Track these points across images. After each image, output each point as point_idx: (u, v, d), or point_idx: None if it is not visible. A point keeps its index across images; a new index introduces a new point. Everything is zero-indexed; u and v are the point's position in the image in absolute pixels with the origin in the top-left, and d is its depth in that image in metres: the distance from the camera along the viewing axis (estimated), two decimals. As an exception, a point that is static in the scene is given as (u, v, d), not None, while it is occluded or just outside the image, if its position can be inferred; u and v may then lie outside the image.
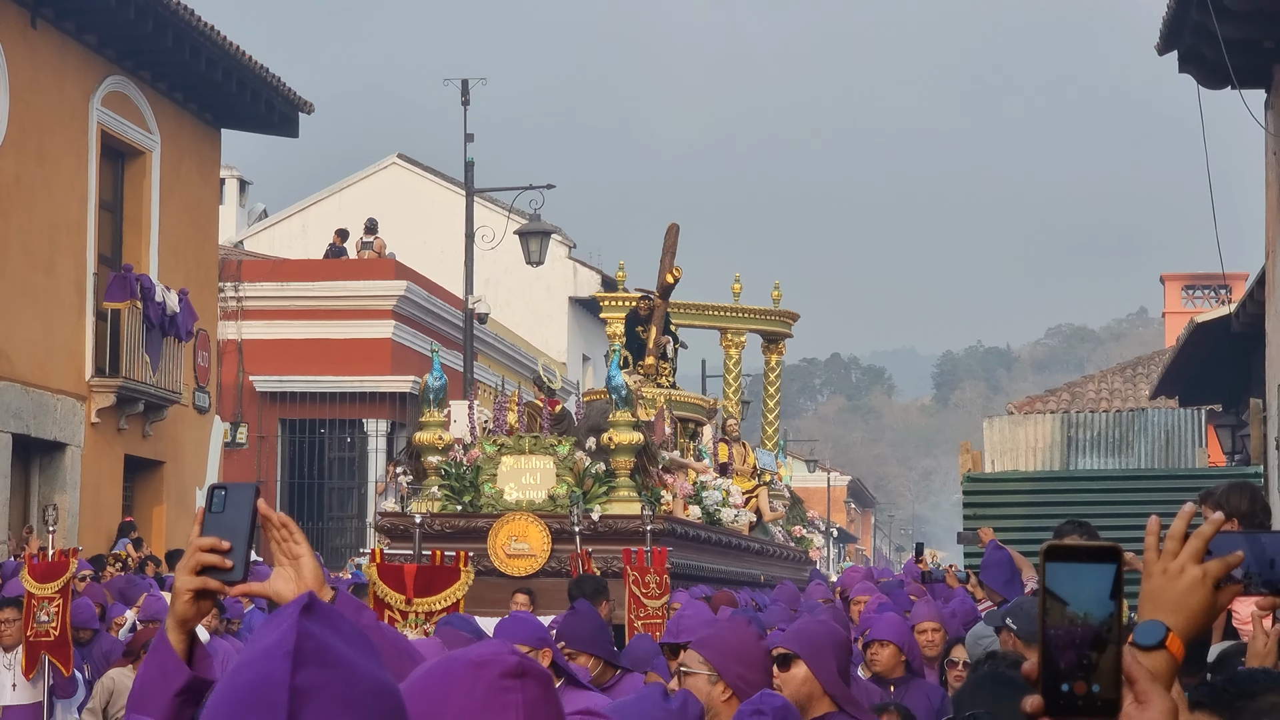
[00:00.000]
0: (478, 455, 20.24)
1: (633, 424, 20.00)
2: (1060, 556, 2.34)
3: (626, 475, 19.93)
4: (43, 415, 26.45)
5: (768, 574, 24.73)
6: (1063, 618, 2.31)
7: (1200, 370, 32.71)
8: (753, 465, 27.18)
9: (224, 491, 3.32)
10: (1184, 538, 2.89)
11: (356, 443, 38.95)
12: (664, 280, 25.08)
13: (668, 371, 25.73)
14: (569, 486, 19.78)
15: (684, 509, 21.63)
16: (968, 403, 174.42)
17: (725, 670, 6.15)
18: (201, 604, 3.27)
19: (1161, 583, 2.86)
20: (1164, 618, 2.80)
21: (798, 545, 28.10)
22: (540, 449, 20.12)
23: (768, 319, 31.15)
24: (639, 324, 25.54)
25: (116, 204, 29.54)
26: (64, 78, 27.27)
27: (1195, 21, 20.00)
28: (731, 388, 32.07)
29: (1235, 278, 39.76)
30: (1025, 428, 28.43)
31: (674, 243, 25.08)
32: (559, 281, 52.54)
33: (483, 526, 19.54)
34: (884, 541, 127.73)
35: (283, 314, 38.71)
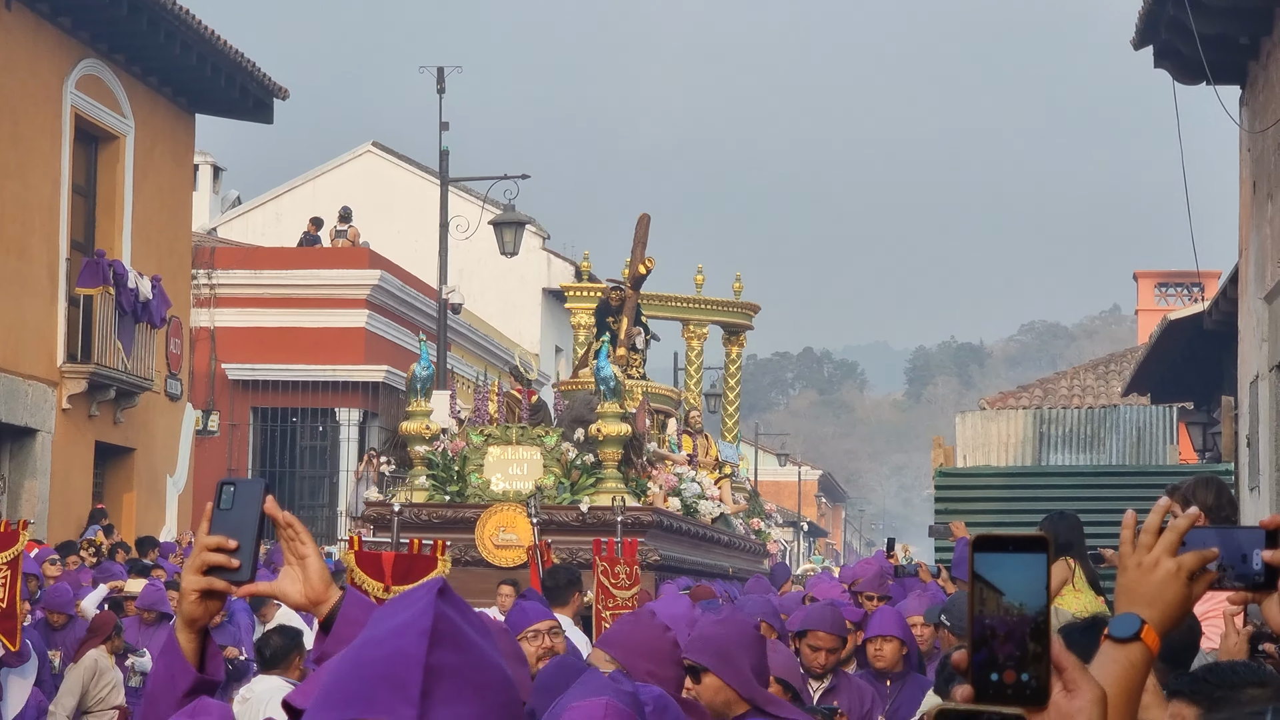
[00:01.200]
0: (463, 445, 20.22)
1: (620, 415, 20.02)
2: (990, 546, 2.32)
3: (614, 466, 19.95)
4: (13, 401, 26.36)
5: (734, 566, 24.83)
6: (998, 607, 2.29)
7: (1172, 367, 32.80)
8: (715, 457, 27.22)
9: (233, 488, 3.25)
10: (1158, 532, 2.89)
11: (328, 432, 38.90)
12: (636, 271, 25.07)
13: (638, 363, 25.75)
14: (556, 477, 19.80)
15: (664, 500, 21.67)
16: (940, 398, 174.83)
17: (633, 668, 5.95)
18: (209, 603, 3.22)
19: (1137, 576, 2.87)
20: (1139, 610, 2.81)
21: (757, 538, 28.21)
22: (527, 439, 20.14)
23: (729, 310, 31.19)
24: (609, 314, 25.53)
25: (90, 189, 29.45)
26: (38, 60, 27.17)
27: (1171, 16, 20.02)
28: (694, 379, 32.12)
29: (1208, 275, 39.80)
30: (998, 423, 28.48)
31: (645, 234, 25.07)
32: (532, 272, 52.48)
33: (470, 517, 19.54)
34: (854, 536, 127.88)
35: (256, 302, 38.62)
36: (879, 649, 9.95)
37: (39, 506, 26.98)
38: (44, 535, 25.98)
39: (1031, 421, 28.18)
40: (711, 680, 6.28)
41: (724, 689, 6.30)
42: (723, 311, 31.15)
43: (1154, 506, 2.98)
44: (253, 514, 3.21)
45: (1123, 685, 2.75)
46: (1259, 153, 20.65)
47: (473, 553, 19.32)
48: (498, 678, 2.21)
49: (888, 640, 9.97)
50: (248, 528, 3.20)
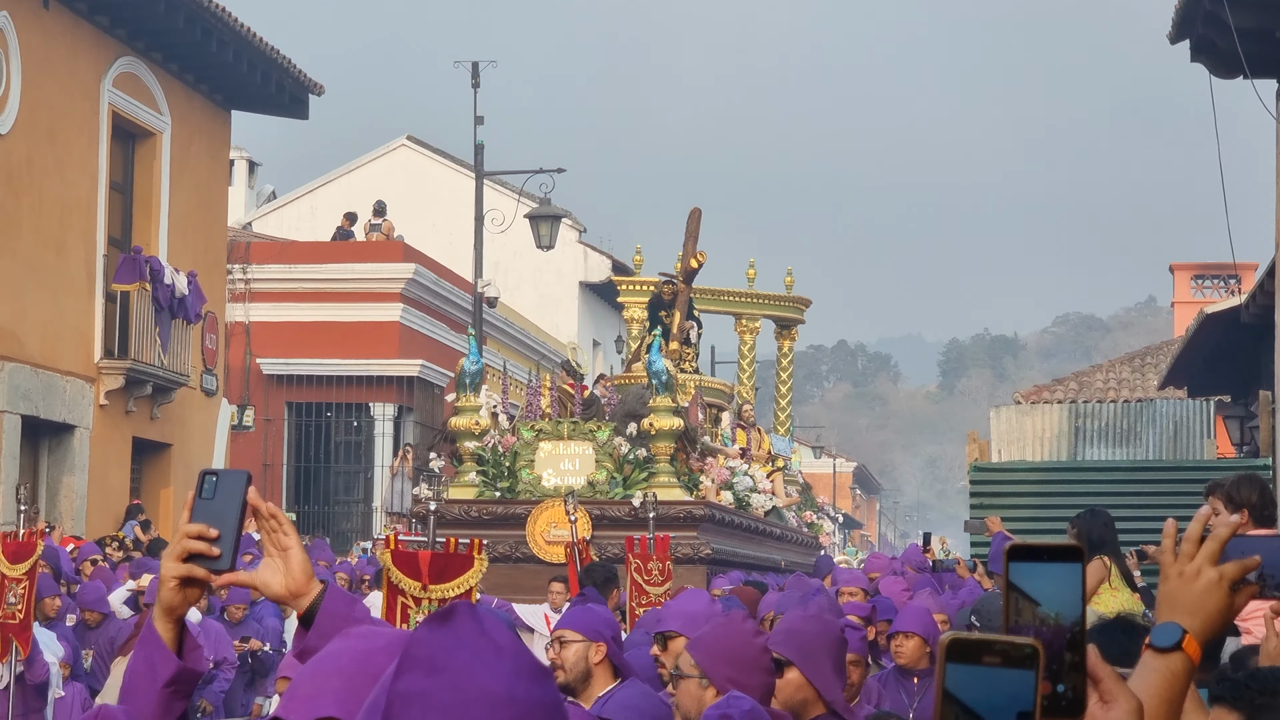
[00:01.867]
0: (514, 441, 20.17)
1: (673, 410, 19.98)
2: (1024, 556, 2.33)
3: (666, 461, 19.92)
4: (51, 397, 26.46)
5: (787, 559, 24.83)
6: (1034, 618, 2.30)
7: (1209, 361, 32.66)
8: (767, 450, 27.22)
9: (215, 478, 3.24)
10: (1200, 540, 2.89)
11: (363, 426, 38.92)
12: (688, 265, 25.06)
13: (690, 357, 25.72)
14: (608, 472, 19.76)
15: (717, 494, 21.65)
16: (974, 390, 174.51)
17: (714, 673, 5.97)
18: (189, 591, 3.21)
19: (1178, 585, 2.87)
20: (1181, 619, 2.81)
21: (809, 530, 28.20)
22: (579, 434, 20.06)
23: (781, 305, 31.24)
24: (662, 308, 25.52)
25: (127, 185, 29.55)
26: (76, 59, 27.27)
27: (1207, 10, 19.93)
28: (746, 373, 32.12)
29: (1244, 267, 39.69)
30: (1033, 417, 28.44)
31: (696, 227, 25.06)
32: (569, 266, 52.48)
33: (521, 513, 19.50)
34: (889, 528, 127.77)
35: (291, 296, 38.66)
36: (900, 645, 9.89)
37: (77, 502, 27.09)
38: (82, 531, 26.10)
39: (1067, 416, 28.14)
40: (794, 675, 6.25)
41: (805, 686, 6.28)
42: (775, 306, 31.21)
43: (1195, 515, 2.99)
44: (234, 504, 3.21)
45: (1164, 695, 2.76)
46: (1296, 147, 20.57)
47: (524, 549, 19.29)
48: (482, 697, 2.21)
49: (909, 637, 9.90)
50: (229, 517, 3.20)
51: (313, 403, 38.55)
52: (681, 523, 18.97)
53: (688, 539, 19.13)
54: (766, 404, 38.71)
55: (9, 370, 25.35)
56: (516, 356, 44.24)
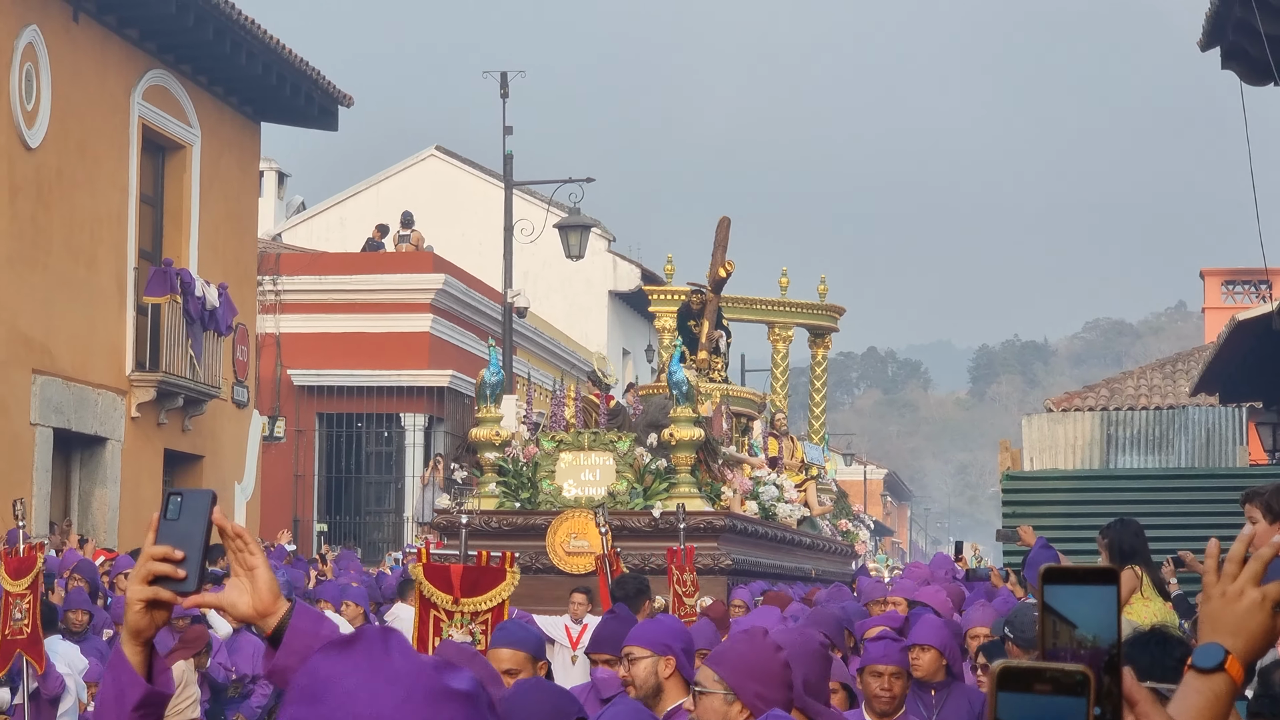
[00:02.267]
0: (535, 451, 20.14)
1: (694, 420, 19.91)
2: (1059, 579, 2.32)
3: (687, 471, 19.83)
4: (83, 409, 26.53)
5: (818, 568, 24.76)
6: (1072, 640, 2.30)
7: (1241, 367, 32.55)
8: (801, 459, 27.16)
9: (179, 498, 3.20)
10: (1243, 561, 2.88)
11: (394, 437, 38.96)
12: (716, 274, 25.01)
13: (720, 366, 25.67)
14: (629, 483, 19.68)
15: (741, 504, 21.57)
16: (1004, 396, 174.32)
17: (741, 689, 5.90)
18: (155, 614, 3.16)
19: (1220, 605, 2.85)
20: (1223, 640, 2.79)
21: (844, 539, 28.12)
22: (599, 445, 19.97)
23: (815, 313, 31.20)
24: (691, 318, 25.47)
25: (157, 198, 29.62)
26: (105, 72, 27.35)
27: (1238, 18, 19.92)
28: (779, 382, 32.05)
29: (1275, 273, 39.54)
30: (1064, 425, 28.36)
31: (725, 236, 24.99)
32: (599, 275, 52.43)
33: (541, 524, 19.42)
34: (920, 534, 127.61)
35: (321, 307, 38.72)
36: (916, 657, 9.68)
37: (109, 515, 27.16)
38: (114, 544, 26.15)
39: (1099, 423, 28.06)
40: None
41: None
42: (809, 314, 31.17)
43: (1239, 535, 2.97)
44: (200, 525, 3.17)
45: (1207, 716, 2.74)
46: (1328, 153, 20.52)
47: (544, 560, 19.22)
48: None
49: (925, 649, 9.74)
50: (194, 538, 3.16)
51: (343, 413, 38.59)
52: (701, 533, 18.84)
53: (708, 549, 18.99)
54: (799, 411, 38.67)
55: (41, 383, 25.42)
56: (546, 366, 44.26)
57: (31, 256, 25.34)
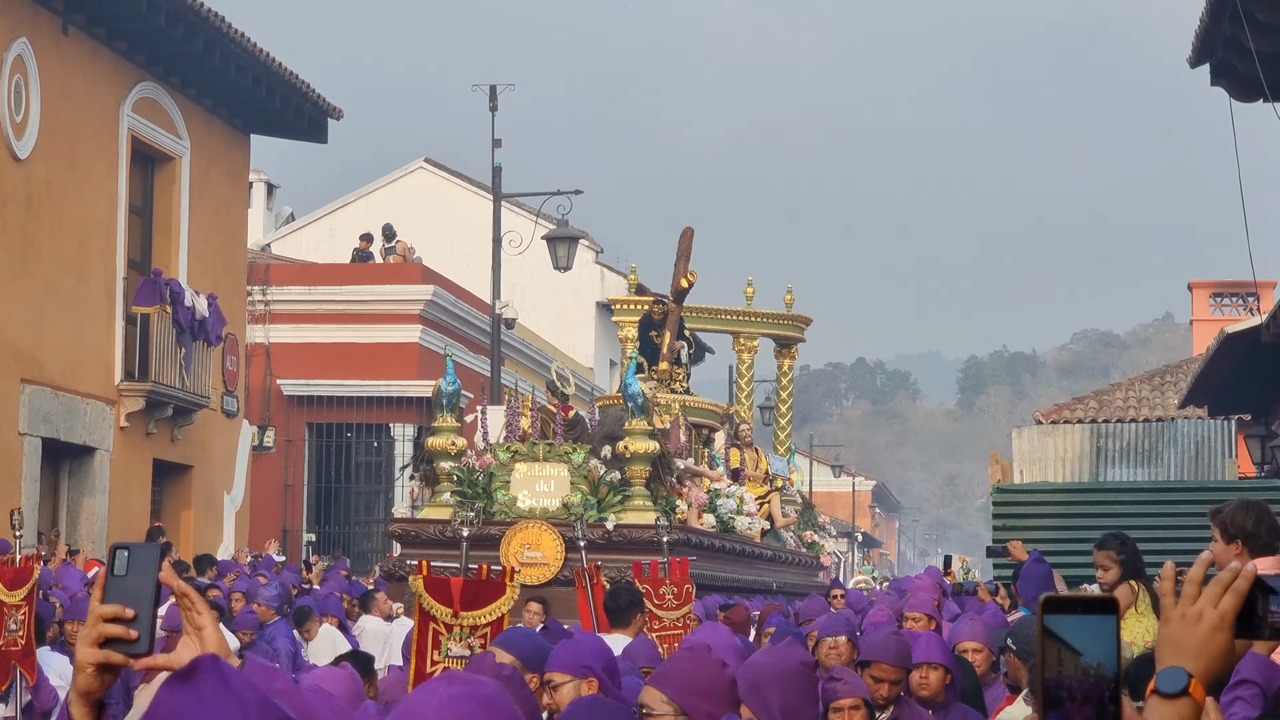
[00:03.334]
0: (490, 462, 20.09)
1: (648, 432, 19.82)
2: (1060, 608, 2.33)
3: (641, 484, 19.75)
4: (72, 419, 26.50)
5: (780, 581, 24.63)
6: (1077, 668, 2.30)
7: (1230, 379, 32.60)
8: (765, 470, 27.07)
9: (126, 552, 3.05)
10: (1201, 583, 2.86)
11: (383, 447, 38.96)
12: (678, 284, 24.96)
13: (681, 377, 25.62)
14: (583, 495, 19.63)
15: (699, 518, 21.49)
16: (993, 408, 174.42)
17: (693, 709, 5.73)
18: (105, 676, 3.03)
19: (1180, 628, 2.83)
20: (1185, 664, 2.77)
21: (809, 550, 28.01)
22: (554, 456, 19.93)
23: (780, 323, 31.08)
24: (652, 328, 25.43)
25: (146, 209, 29.61)
26: (95, 84, 27.34)
27: (1227, 35, 19.95)
28: (744, 392, 32.01)
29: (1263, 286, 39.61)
30: (1054, 438, 28.37)
31: (688, 246, 24.95)
32: (586, 286, 52.44)
33: (495, 534, 19.34)
34: (908, 546, 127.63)
35: (310, 318, 38.72)
36: (924, 677, 9.43)
37: (98, 525, 27.12)
38: (102, 554, 26.11)
39: (1088, 436, 28.08)
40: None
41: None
42: (773, 324, 31.05)
43: (1197, 559, 2.96)
44: (149, 581, 3.04)
45: None
46: (1317, 167, 20.57)
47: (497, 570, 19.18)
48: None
49: (934, 668, 9.47)
50: (144, 596, 3.03)
51: (333, 423, 38.60)
52: (652, 547, 18.69)
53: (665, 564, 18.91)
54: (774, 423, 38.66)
55: (30, 393, 25.39)
56: (534, 377, 44.22)
57: (21, 267, 25.32)
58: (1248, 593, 2.82)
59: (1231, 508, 7.98)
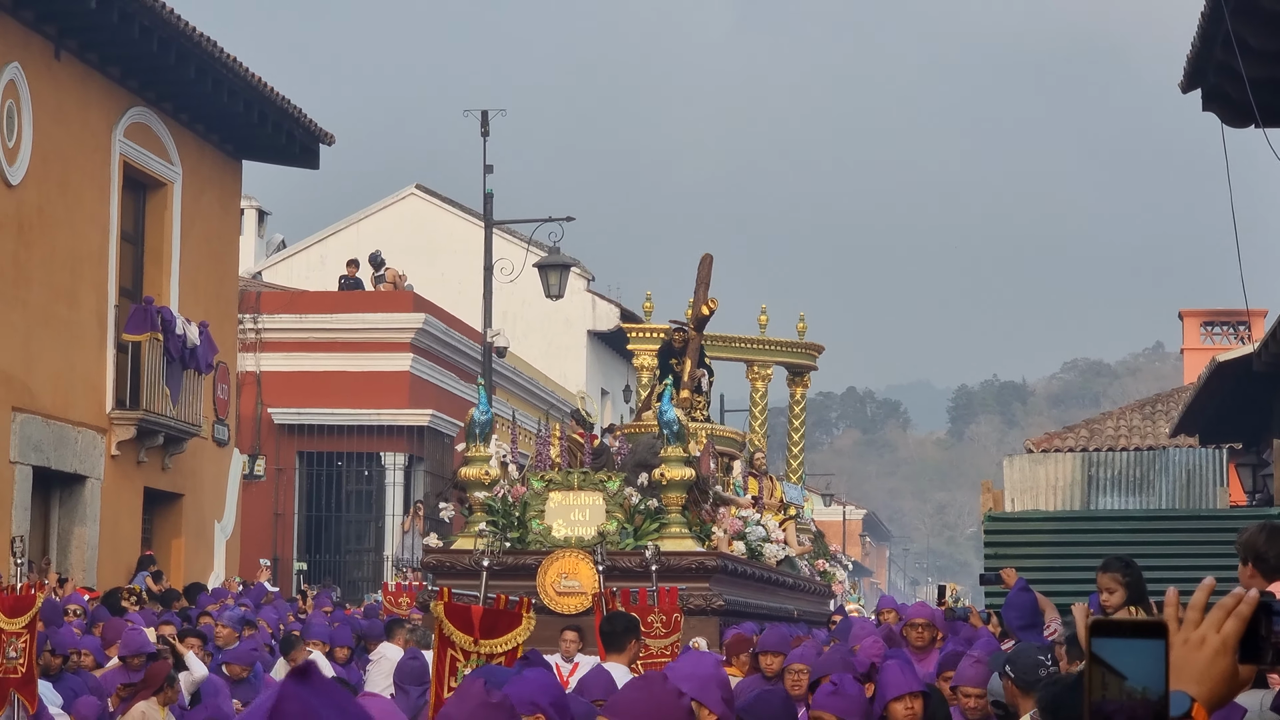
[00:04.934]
0: (524, 491, 20.04)
1: (684, 459, 19.82)
2: (1108, 631, 2.32)
3: (678, 511, 19.74)
4: (63, 447, 26.45)
5: (800, 609, 24.66)
6: (1122, 692, 2.30)
7: (1221, 408, 32.62)
8: (780, 499, 27.07)
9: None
10: (1204, 608, 2.87)
11: (374, 476, 38.89)
12: (699, 311, 24.92)
13: (702, 405, 25.58)
14: (619, 523, 19.60)
15: (729, 544, 21.45)
16: (983, 437, 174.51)
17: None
18: None
19: (1183, 653, 2.84)
20: (1187, 688, 2.78)
21: (822, 579, 28.02)
22: (589, 485, 19.89)
23: (794, 351, 31.13)
24: (673, 356, 25.37)
25: (138, 235, 29.60)
26: (87, 109, 27.34)
27: (1219, 60, 19.98)
28: (758, 420, 31.99)
29: (1254, 314, 39.66)
30: (1046, 466, 28.36)
31: (708, 273, 24.91)
32: (578, 315, 52.43)
33: (531, 564, 19.30)
34: (899, 575, 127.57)
35: (301, 346, 38.70)
36: (909, 707, 9.45)
37: (88, 553, 27.06)
38: (93, 582, 26.06)
39: (1080, 464, 28.07)
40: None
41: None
42: (788, 353, 31.11)
43: (1200, 585, 2.96)
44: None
45: None
46: (1309, 195, 20.58)
47: (535, 600, 19.07)
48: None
49: (915, 698, 9.51)
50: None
51: (324, 452, 38.55)
52: (693, 574, 18.78)
53: (699, 590, 18.92)
54: (777, 451, 38.66)
55: (20, 421, 25.35)
56: (525, 406, 44.19)
57: (12, 294, 25.29)
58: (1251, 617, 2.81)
59: (1251, 530, 7.95)
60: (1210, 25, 19.85)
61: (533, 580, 18.93)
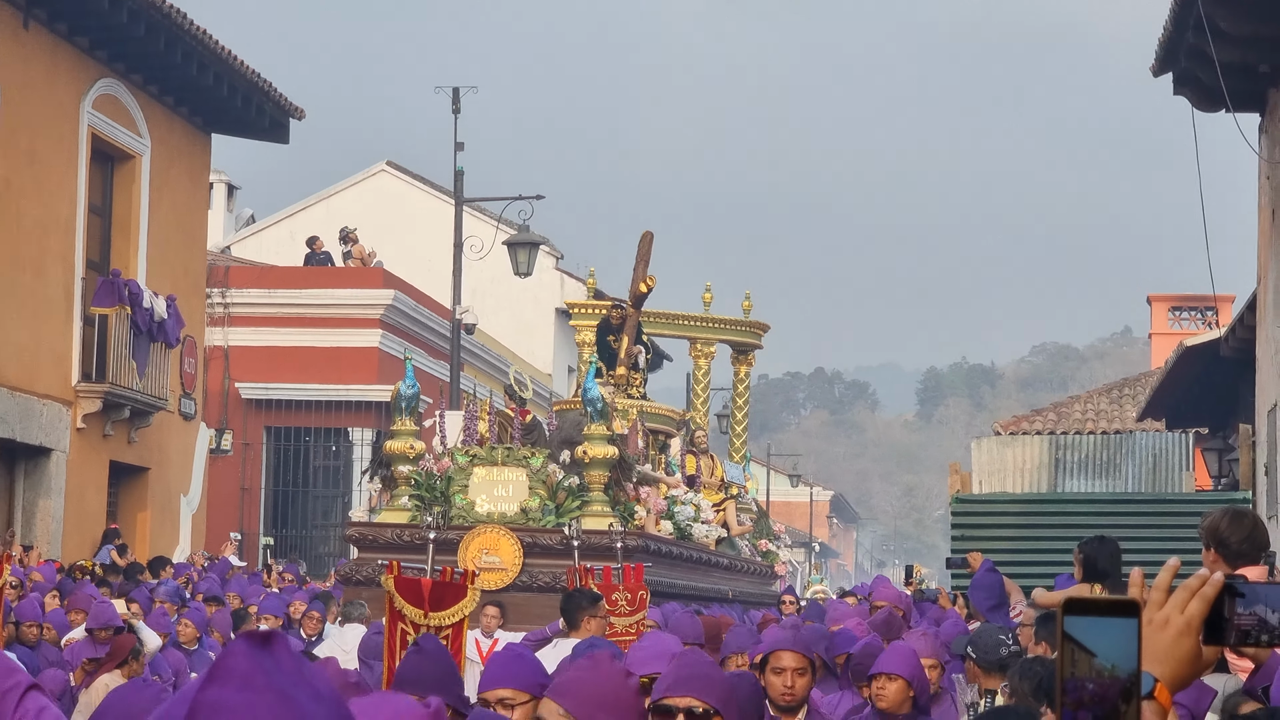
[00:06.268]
0: (449, 465, 19.97)
1: (607, 438, 19.73)
2: (1080, 610, 2.32)
3: (600, 489, 19.65)
4: (28, 420, 26.35)
5: (735, 589, 24.58)
6: (1091, 669, 2.29)
7: (1188, 393, 32.72)
8: (720, 478, 27.00)
9: None
10: (1168, 589, 2.87)
11: (341, 451, 38.85)
12: (637, 289, 24.89)
13: (638, 382, 25.54)
14: (541, 499, 19.55)
15: (656, 524, 21.40)
16: (951, 419, 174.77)
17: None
18: None
19: (1147, 633, 2.84)
20: (1151, 668, 2.79)
21: (764, 559, 27.95)
22: (513, 461, 19.81)
23: (737, 329, 31.02)
24: (610, 333, 25.35)
25: (106, 208, 29.47)
26: (55, 80, 27.19)
27: (1191, 45, 20.01)
28: (700, 399, 31.93)
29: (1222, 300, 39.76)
30: (1013, 449, 28.43)
31: (648, 251, 24.90)
32: (546, 292, 52.42)
33: (453, 539, 19.14)
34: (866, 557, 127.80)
35: (269, 321, 38.59)
36: (882, 687, 9.05)
37: (53, 526, 26.97)
38: (58, 554, 25.98)
39: (1047, 447, 28.14)
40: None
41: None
42: (731, 330, 31.00)
43: (1164, 565, 2.97)
44: None
45: None
46: (1278, 181, 20.62)
47: (455, 575, 19.02)
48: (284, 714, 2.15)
49: (892, 679, 9.07)
50: None
51: (291, 427, 38.48)
52: (612, 553, 18.67)
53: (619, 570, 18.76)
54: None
55: (-14, 393, 25.25)
56: (493, 382, 44.15)
57: (-22, 265, 25.19)
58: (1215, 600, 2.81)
59: (1213, 516, 7.92)
60: (1182, 9, 19.87)
61: (454, 555, 18.78)
